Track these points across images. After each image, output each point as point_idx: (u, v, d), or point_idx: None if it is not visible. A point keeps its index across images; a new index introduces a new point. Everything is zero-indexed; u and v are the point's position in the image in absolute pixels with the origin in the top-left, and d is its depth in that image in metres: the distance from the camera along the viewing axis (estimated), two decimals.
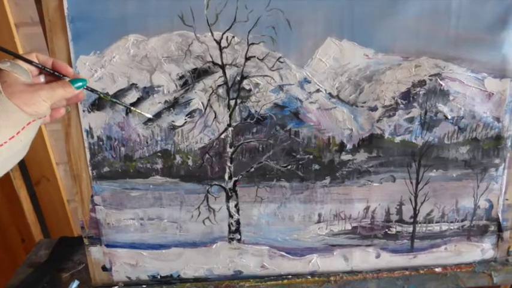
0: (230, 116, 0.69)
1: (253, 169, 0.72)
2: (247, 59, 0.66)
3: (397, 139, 0.71)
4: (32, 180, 1.11)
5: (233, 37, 0.65)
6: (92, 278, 0.79)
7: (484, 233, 0.79)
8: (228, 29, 0.64)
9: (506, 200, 0.77)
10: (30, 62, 0.54)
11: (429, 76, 0.68)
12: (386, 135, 0.71)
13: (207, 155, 0.71)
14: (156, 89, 0.67)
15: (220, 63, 0.66)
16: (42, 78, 0.57)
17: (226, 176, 0.73)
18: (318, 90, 0.68)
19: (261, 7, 0.63)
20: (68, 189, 1.14)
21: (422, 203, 0.76)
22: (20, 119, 0.50)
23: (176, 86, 0.67)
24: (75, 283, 0.80)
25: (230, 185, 0.73)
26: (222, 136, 0.70)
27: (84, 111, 0.68)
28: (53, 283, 0.81)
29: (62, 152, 1.07)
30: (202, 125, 0.69)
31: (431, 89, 0.69)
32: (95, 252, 0.77)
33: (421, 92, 0.69)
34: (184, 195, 0.73)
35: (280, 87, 0.68)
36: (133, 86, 0.67)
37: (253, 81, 0.67)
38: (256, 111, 0.69)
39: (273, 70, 0.67)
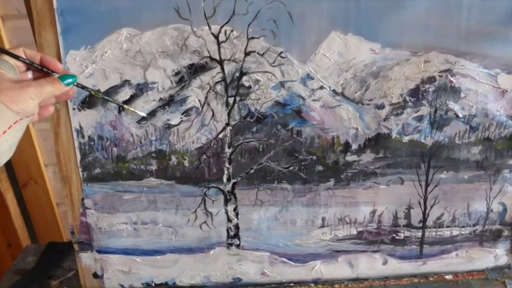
0: (229, 114, 0.69)
1: (253, 170, 0.72)
2: (246, 54, 0.66)
3: (405, 139, 0.71)
4: (19, 183, 1.11)
5: (232, 31, 0.65)
6: (83, 285, 0.79)
7: (497, 238, 0.79)
8: (226, 23, 0.64)
9: None
10: (17, 57, 0.54)
11: (439, 72, 0.68)
12: (394, 135, 0.71)
13: (204, 156, 0.71)
14: (150, 85, 0.67)
15: (218, 58, 0.66)
16: (30, 75, 0.57)
17: (225, 178, 0.73)
18: (321, 87, 0.68)
19: None
20: (57, 191, 1.14)
21: (431, 207, 0.76)
22: (6, 117, 0.50)
23: (171, 82, 0.67)
24: None
25: (229, 187, 0.73)
26: (220, 136, 0.70)
27: (74, 109, 0.68)
28: None
29: (50, 152, 1.07)
30: (199, 124, 0.69)
31: (442, 85, 0.69)
32: (86, 259, 0.77)
33: (430, 89, 0.69)
34: (180, 198, 0.74)
35: (282, 84, 0.68)
36: (126, 82, 0.67)
37: (253, 78, 0.67)
38: (256, 110, 0.69)
39: (274, 66, 0.67)
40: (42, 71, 0.56)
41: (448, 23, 0.65)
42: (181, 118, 0.69)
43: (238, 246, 0.77)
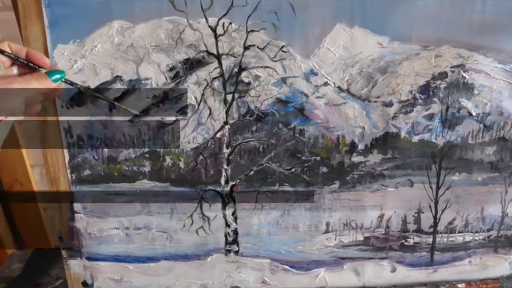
0: (227, 112, 0.69)
1: (252, 172, 0.72)
2: (246, 48, 0.66)
3: (415, 138, 0.71)
4: (3, 185, 1.11)
5: (230, 23, 0.65)
6: None
7: None
8: (224, 15, 0.64)
9: None
10: (1, 51, 0.54)
11: (451, 67, 0.68)
12: (403, 134, 0.71)
13: (200, 157, 0.71)
14: (143, 82, 0.67)
15: (215, 52, 0.66)
16: (15, 70, 0.57)
17: (223, 180, 0.73)
18: (325, 84, 0.68)
19: None
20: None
21: (443, 211, 0.76)
22: None
23: (166, 78, 0.67)
24: None
25: (227, 190, 0.73)
26: (218, 135, 0.70)
27: (62, 107, 0.68)
28: None
29: (37, 153, 1.07)
30: (195, 122, 0.69)
31: (454, 82, 0.69)
32: (75, 266, 0.77)
33: (442, 86, 0.69)
34: (175, 202, 0.74)
35: (283, 80, 0.68)
36: (117, 78, 0.67)
37: (253, 73, 0.67)
38: (256, 107, 0.69)
39: (275, 61, 0.67)
40: (28, 67, 0.56)
41: (460, 15, 0.65)
42: (176, 116, 0.69)
43: (237, 252, 0.77)
